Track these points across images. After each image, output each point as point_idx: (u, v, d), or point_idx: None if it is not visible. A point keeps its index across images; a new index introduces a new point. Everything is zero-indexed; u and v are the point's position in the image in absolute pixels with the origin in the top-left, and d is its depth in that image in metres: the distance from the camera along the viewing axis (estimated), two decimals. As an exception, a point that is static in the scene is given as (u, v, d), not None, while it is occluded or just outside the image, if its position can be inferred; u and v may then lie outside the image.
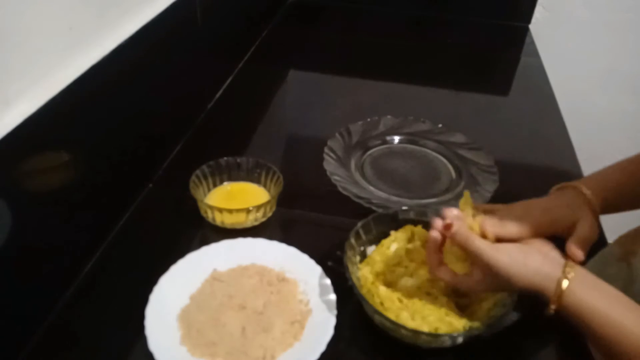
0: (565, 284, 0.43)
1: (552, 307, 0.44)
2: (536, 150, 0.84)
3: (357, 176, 0.75)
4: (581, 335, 0.52)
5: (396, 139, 0.83)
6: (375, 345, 0.53)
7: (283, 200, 0.67)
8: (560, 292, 0.43)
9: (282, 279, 0.57)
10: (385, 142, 0.82)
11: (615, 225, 0.65)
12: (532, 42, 1.20)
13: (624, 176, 0.54)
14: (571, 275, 0.43)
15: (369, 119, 0.84)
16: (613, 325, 0.41)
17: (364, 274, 0.56)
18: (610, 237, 0.63)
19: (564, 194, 0.54)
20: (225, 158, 0.69)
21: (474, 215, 0.51)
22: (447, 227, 0.48)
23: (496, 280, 0.46)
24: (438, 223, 0.50)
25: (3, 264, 0.47)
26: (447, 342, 0.51)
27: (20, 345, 0.51)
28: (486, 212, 0.52)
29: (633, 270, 0.52)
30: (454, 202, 0.69)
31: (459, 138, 0.81)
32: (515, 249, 0.46)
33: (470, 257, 0.47)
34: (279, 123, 0.90)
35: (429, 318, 0.51)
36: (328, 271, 0.57)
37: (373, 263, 0.57)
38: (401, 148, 0.82)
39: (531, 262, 0.44)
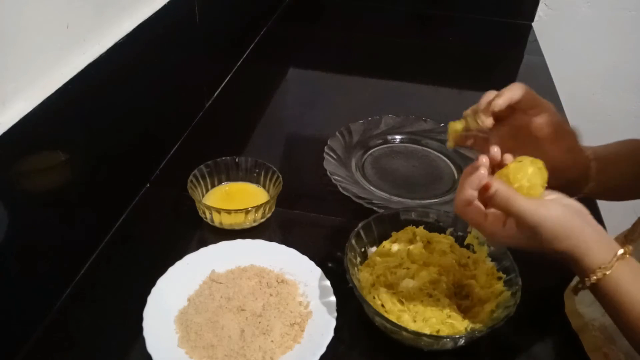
0: (616, 265, 0.42)
1: (592, 279, 0.42)
2: (539, 150, 0.84)
3: (358, 176, 0.74)
4: (578, 337, 0.53)
5: (397, 138, 0.82)
6: (376, 348, 0.53)
7: (282, 201, 0.67)
8: (606, 270, 0.42)
9: (281, 281, 0.56)
10: (386, 141, 0.82)
11: (618, 225, 0.65)
12: (536, 41, 1.20)
13: (622, 149, 0.58)
14: (625, 259, 0.42)
15: (369, 118, 0.83)
16: None
17: (365, 275, 0.55)
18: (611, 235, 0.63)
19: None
20: (223, 158, 0.69)
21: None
22: (485, 188, 0.43)
23: (533, 239, 0.43)
24: (484, 161, 0.46)
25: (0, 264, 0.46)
26: (449, 345, 0.51)
27: (19, 345, 0.50)
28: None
29: None
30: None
31: (461, 137, 0.80)
32: (562, 206, 0.43)
33: (513, 217, 0.43)
34: (279, 122, 0.90)
35: (431, 320, 0.51)
36: (328, 273, 0.57)
37: (374, 264, 0.57)
38: (403, 147, 0.81)
39: (578, 222, 0.42)
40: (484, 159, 0.46)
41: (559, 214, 0.42)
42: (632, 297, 0.42)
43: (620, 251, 0.42)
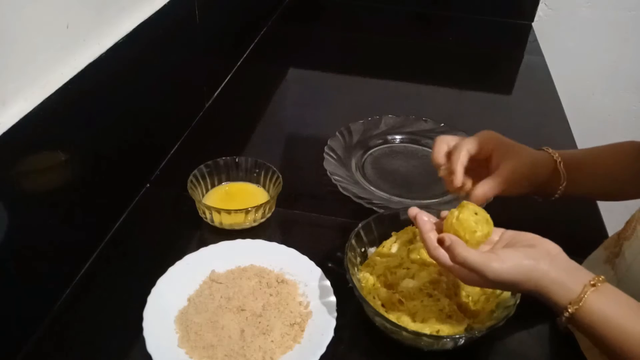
0: (587, 296, 0.42)
1: (566, 314, 0.43)
2: (539, 150, 0.84)
3: (358, 176, 0.74)
4: (574, 336, 0.53)
5: (397, 138, 0.82)
6: (376, 348, 0.53)
7: (282, 201, 0.67)
8: (578, 303, 0.42)
9: (281, 281, 0.56)
10: (386, 141, 0.82)
11: (617, 225, 0.65)
12: (536, 41, 1.19)
13: (589, 157, 0.63)
14: (596, 288, 0.43)
15: (369, 118, 0.83)
16: (628, 337, 0.41)
17: (365, 275, 0.55)
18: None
19: (537, 151, 0.62)
20: (223, 158, 0.69)
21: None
22: (440, 242, 0.46)
23: (500, 285, 0.45)
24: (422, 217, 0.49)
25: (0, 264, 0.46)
26: (449, 345, 0.51)
27: (19, 345, 0.50)
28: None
29: (617, 272, 0.53)
30: (456, 202, 0.68)
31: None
32: (520, 254, 0.44)
33: (472, 270, 0.45)
34: (279, 122, 0.90)
35: (431, 320, 0.51)
36: (328, 273, 0.57)
37: (374, 264, 0.57)
38: (402, 147, 0.81)
39: (542, 265, 0.44)
40: (424, 217, 0.49)
41: (514, 263, 0.44)
42: (609, 325, 0.42)
43: (590, 281, 0.43)
